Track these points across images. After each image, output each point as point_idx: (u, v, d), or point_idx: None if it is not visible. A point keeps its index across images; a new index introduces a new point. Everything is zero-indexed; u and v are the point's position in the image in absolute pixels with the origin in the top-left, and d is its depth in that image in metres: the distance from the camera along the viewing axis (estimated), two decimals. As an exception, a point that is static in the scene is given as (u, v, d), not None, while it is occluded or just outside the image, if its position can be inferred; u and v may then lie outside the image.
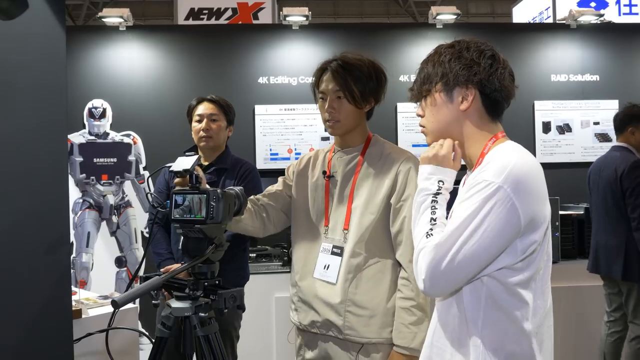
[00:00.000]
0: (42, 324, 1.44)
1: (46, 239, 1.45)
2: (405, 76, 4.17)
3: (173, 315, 1.51)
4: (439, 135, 1.29)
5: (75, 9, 9.59)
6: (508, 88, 1.24)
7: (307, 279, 1.75)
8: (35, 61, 1.44)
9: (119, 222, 3.91)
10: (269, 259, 3.56)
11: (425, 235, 1.17)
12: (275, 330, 3.26)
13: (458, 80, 1.23)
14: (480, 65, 1.22)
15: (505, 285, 1.15)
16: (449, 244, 1.11)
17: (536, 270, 1.18)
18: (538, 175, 1.17)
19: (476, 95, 1.23)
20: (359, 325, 1.66)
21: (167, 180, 2.46)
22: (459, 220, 1.12)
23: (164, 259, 2.36)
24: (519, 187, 1.11)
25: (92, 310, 2.29)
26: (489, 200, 1.11)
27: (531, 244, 1.15)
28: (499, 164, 1.14)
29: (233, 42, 4.14)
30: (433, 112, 1.28)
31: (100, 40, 4.06)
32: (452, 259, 1.11)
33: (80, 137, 3.95)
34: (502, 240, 1.11)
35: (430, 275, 1.12)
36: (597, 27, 4.36)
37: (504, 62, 1.25)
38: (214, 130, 2.45)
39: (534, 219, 1.14)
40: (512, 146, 1.23)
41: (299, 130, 4.08)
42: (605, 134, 4.26)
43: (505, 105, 1.27)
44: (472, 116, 1.25)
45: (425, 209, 1.22)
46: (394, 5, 10.93)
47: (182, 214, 1.49)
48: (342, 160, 1.77)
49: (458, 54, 1.24)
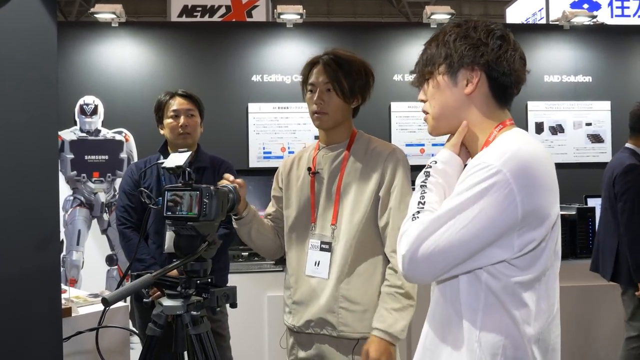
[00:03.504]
0: (31, 323, 1.42)
1: (36, 237, 1.43)
2: (399, 75, 4.18)
3: (164, 314, 1.49)
4: (442, 121, 1.18)
5: (67, 5, 9.53)
6: (518, 72, 1.14)
7: (301, 279, 1.75)
8: (25, 56, 1.42)
9: (110, 220, 3.88)
10: (261, 257, 3.54)
11: (410, 217, 1.08)
12: (268, 330, 3.25)
13: (463, 62, 1.13)
14: (487, 46, 1.12)
15: (505, 283, 1.06)
16: (434, 226, 1.02)
17: (542, 270, 1.07)
18: (545, 165, 1.06)
19: (482, 78, 1.13)
20: (352, 320, 1.66)
21: (136, 180, 2.38)
22: (448, 202, 1.04)
23: (147, 264, 2.25)
24: (520, 173, 1.01)
25: (82, 309, 2.26)
26: (484, 183, 1.01)
27: (530, 242, 1.04)
28: (501, 147, 1.06)
29: (226, 39, 4.13)
30: (436, 96, 1.17)
31: (93, 36, 4.03)
32: (436, 242, 1.01)
33: (71, 134, 3.92)
34: (494, 229, 1.01)
35: (409, 258, 1.03)
36: (590, 28, 4.39)
37: (515, 44, 1.15)
38: (191, 126, 2.36)
39: (535, 213, 1.02)
40: (520, 133, 1.13)
41: (293, 129, 4.07)
42: (597, 135, 4.28)
43: (514, 91, 1.16)
44: (478, 101, 1.15)
45: (416, 191, 1.14)
46: (388, 6, 10.94)
47: (175, 210, 1.48)
48: (328, 157, 1.78)
49: (464, 33, 1.14)
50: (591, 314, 3.39)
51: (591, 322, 3.37)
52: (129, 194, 2.38)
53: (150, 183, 2.37)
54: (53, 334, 1.47)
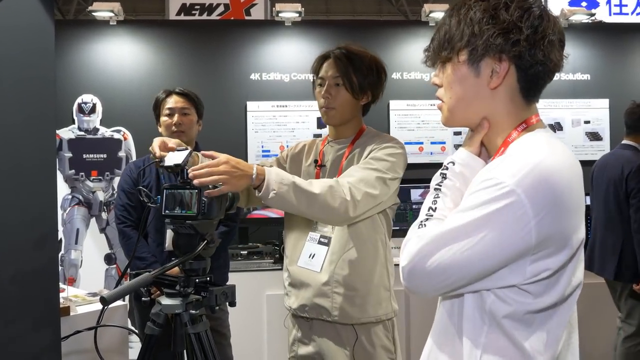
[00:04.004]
0: (30, 322, 1.42)
1: (34, 236, 1.43)
2: (398, 74, 4.17)
3: (163, 313, 1.49)
4: (459, 114, 1.02)
5: (65, 4, 9.50)
6: (554, 61, 0.95)
7: (293, 265, 1.76)
8: (23, 55, 1.41)
9: (108, 219, 3.88)
10: (260, 256, 3.54)
11: (418, 224, 0.97)
12: (267, 328, 3.24)
13: (489, 49, 0.93)
14: (521, 32, 0.92)
15: (515, 310, 0.92)
16: (439, 243, 0.91)
17: (560, 297, 0.93)
18: (571, 181, 0.90)
19: (511, 70, 0.95)
20: (347, 305, 1.66)
21: (135, 179, 2.38)
22: (456, 218, 0.91)
23: (148, 262, 2.27)
24: (538, 193, 0.86)
25: (81, 308, 2.26)
26: (494, 203, 0.87)
27: (544, 270, 0.90)
28: (519, 160, 0.89)
29: (225, 38, 4.12)
30: (453, 85, 0.99)
31: (91, 34, 4.02)
32: (437, 260, 0.90)
33: (69, 133, 3.91)
34: (503, 253, 0.89)
35: (409, 271, 0.93)
36: (588, 26, 4.39)
37: (555, 24, 0.94)
38: (186, 124, 2.36)
39: (553, 238, 0.88)
40: (545, 138, 0.95)
41: (291, 127, 4.06)
42: (596, 133, 4.28)
43: (547, 81, 0.98)
44: (503, 96, 0.97)
45: (430, 194, 1.01)
46: (386, 4, 10.93)
47: (173, 209, 1.47)
48: (332, 151, 1.78)
49: (493, 12, 0.93)
50: (583, 311, 3.36)
51: (584, 321, 3.33)
52: (128, 193, 2.38)
53: (149, 181, 2.37)
54: (51, 333, 1.47)
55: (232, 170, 1.41)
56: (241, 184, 1.43)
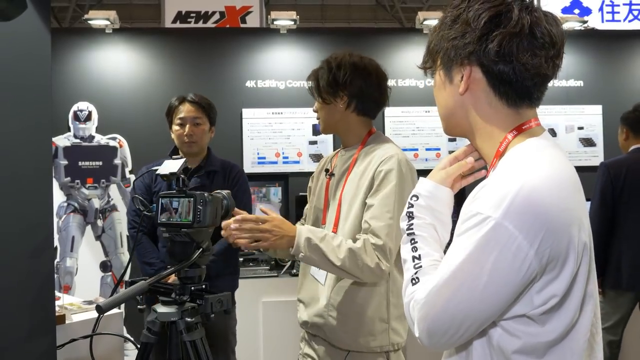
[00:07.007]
0: (25, 330, 1.41)
1: (30, 243, 1.43)
2: (392, 81, 4.16)
3: (159, 321, 1.49)
4: (450, 123, 1.00)
5: (61, 11, 9.50)
6: (525, 59, 0.88)
7: (307, 278, 1.76)
8: (19, 62, 1.42)
9: (104, 226, 3.87)
10: (256, 263, 3.54)
11: (410, 281, 0.91)
12: (263, 335, 3.24)
13: (454, 54, 0.91)
14: (474, 31, 0.88)
15: (524, 343, 0.87)
16: (441, 300, 0.85)
17: (570, 321, 0.87)
18: (561, 193, 0.84)
19: (475, 73, 0.91)
20: (340, 332, 1.64)
21: (147, 184, 2.40)
22: (451, 267, 0.85)
23: (157, 268, 2.26)
24: (527, 221, 0.80)
25: (76, 316, 2.25)
26: (483, 241, 0.82)
27: (552, 297, 0.85)
28: (500, 187, 0.83)
29: (220, 45, 4.13)
30: (436, 94, 1.00)
31: (86, 42, 4.03)
32: (450, 317, 0.85)
33: (65, 140, 3.90)
34: (510, 290, 0.83)
35: (427, 334, 0.87)
36: (581, 33, 4.43)
37: (520, 21, 0.87)
38: (197, 134, 2.37)
39: (556, 259, 0.83)
40: (534, 147, 0.90)
41: (287, 134, 4.07)
42: (589, 139, 4.31)
43: (530, 84, 0.91)
44: (475, 102, 0.93)
45: (404, 241, 0.96)
46: (381, 11, 10.98)
47: (169, 217, 1.48)
48: (342, 159, 1.77)
49: (455, 16, 0.91)
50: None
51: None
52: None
53: (161, 187, 2.38)
54: (47, 342, 1.46)
55: (274, 230, 1.51)
56: (280, 244, 1.53)
